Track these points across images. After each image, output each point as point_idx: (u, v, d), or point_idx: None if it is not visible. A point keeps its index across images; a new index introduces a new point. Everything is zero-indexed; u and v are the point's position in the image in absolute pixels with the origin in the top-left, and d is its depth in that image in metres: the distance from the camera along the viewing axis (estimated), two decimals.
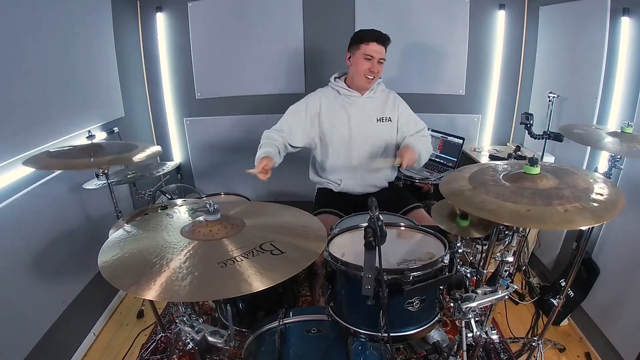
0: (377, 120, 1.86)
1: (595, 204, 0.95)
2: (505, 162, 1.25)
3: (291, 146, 1.86)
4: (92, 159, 1.44)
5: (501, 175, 1.10)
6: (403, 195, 1.98)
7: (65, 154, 1.49)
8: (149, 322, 2.09)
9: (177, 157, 2.93)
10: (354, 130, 1.84)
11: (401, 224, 1.30)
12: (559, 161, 2.22)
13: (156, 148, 1.63)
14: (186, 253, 0.89)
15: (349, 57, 1.81)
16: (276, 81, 2.70)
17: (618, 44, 1.78)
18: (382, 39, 1.75)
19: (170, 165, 2.16)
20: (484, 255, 1.35)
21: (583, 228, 0.92)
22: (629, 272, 1.67)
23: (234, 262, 0.86)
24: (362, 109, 1.85)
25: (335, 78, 1.89)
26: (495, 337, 1.10)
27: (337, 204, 1.83)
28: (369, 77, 1.78)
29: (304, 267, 0.89)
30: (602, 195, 0.99)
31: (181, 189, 2.90)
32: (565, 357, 1.82)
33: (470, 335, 1.10)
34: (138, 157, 1.51)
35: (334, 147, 1.87)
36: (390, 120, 1.88)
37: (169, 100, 2.78)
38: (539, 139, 2.07)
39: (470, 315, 1.08)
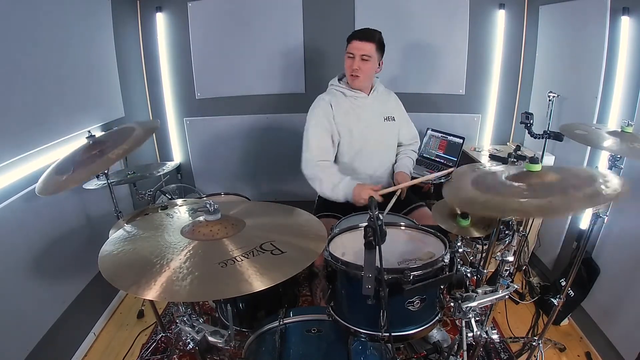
0: (385, 119, 1.87)
1: (607, 186, 0.95)
2: (498, 166, 1.25)
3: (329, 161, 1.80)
4: (107, 156, 1.36)
5: (503, 176, 1.09)
6: (406, 194, 1.98)
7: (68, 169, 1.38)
8: (149, 322, 2.09)
9: (177, 157, 2.94)
10: (366, 131, 1.83)
11: (401, 223, 1.29)
12: (559, 161, 2.22)
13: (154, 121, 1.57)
14: (186, 253, 0.89)
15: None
16: (276, 81, 2.70)
17: (618, 43, 1.78)
18: (363, 35, 1.71)
19: (170, 165, 2.16)
20: (484, 254, 1.35)
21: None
22: (629, 271, 1.67)
23: (234, 262, 0.86)
24: (371, 109, 1.84)
25: (337, 80, 1.88)
26: (495, 336, 1.10)
27: (339, 206, 1.82)
28: (352, 74, 1.76)
29: (304, 267, 0.89)
30: (606, 178, 0.99)
31: (181, 189, 2.91)
32: (566, 357, 1.82)
33: (470, 334, 1.10)
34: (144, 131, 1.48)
35: (346, 150, 1.85)
36: (394, 119, 1.89)
37: (169, 100, 2.78)
38: (539, 138, 2.07)
39: (470, 315, 1.08)
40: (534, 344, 1.68)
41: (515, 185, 1.00)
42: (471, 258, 1.47)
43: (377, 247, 0.83)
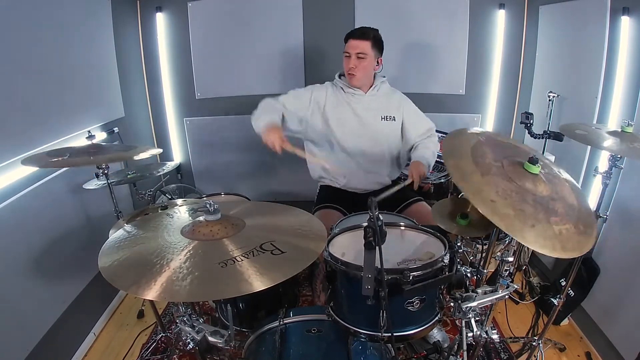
0: (382, 118, 1.86)
1: (582, 227, 0.92)
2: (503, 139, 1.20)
3: (286, 126, 1.81)
4: (91, 157, 1.45)
5: (502, 161, 1.04)
6: (403, 190, 1.98)
7: (64, 153, 1.48)
8: (149, 322, 2.09)
9: (177, 157, 2.93)
10: (359, 127, 1.84)
11: (401, 223, 1.30)
12: (559, 160, 2.21)
13: (156, 150, 1.64)
14: (186, 253, 0.89)
15: None
16: (276, 81, 2.70)
17: (618, 43, 1.78)
18: (358, 34, 1.74)
19: (170, 165, 2.16)
20: (484, 254, 1.35)
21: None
22: (629, 271, 1.67)
23: (234, 262, 0.86)
24: (367, 107, 1.85)
25: (340, 75, 1.89)
26: (495, 336, 1.10)
27: (339, 200, 1.83)
28: (349, 73, 1.78)
29: (304, 267, 0.89)
30: (582, 220, 0.95)
31: (181, 189, 2.91)
32: (566, 357, 1.82)
33: (470, 334, 1.10)
34: (138, 156, 1.53)
35: (340, 144, 1.86)
36: (394, 119, 1.88)
37: (169, 100, 2.77)
38: (539, 138, 2.07)
39: (470, 315, 1.07)
40: (534, 344, 1.68)
41: (509, 183, 0.98)
42: (471, 258, 1.47)
43: (377, 247, 0.83)
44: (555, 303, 1.57)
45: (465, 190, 0.93)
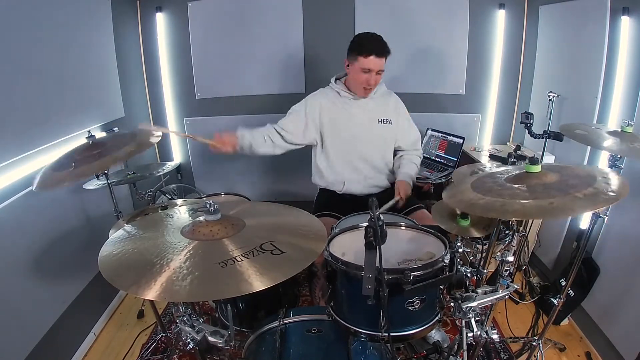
0: (379, 121, 1.86)
1: (608, 184, 0.94)
2: (500, 168, 1.24)
3: (293, 143, 1.86)
4: (96, 162, 1.34)
5: (503, 179, 1.08)
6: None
7: (69, 164, 1.37)
8: (149, 322, 2.09)
9: (177, 157, 2.94)
10: (356, 131, 1.84)
11: (401, 223, 1.30)
12: (559, 160, 2.21)
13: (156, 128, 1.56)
14: (186, 253, 0.89)
15: (347, 65, 1.76)
16: (276, 81, 2.70)
17: (618, 43, 1.78)
18: (382, 52, 1.68)
19: (170, 165, 2.16)
20: (484, 254, 1.35)
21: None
22: (629, 271, 1.67)
23: (234, 262, 0.86)
24: (364, 110, 1.85)
25: (335, 79, 1.88)
26: (495, 336, 1.10)
27: (338, 206, 1.83)
28: (367, 88, 1.76)
29: (304, 267, 0.89)
30: (606, 177, 0.99)
31: (181, 189, 2.91)
32: (566, 357, 1.82)
33: (470, 334, 1.10)
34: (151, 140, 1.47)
35: (337, 148, 1.86)
36: (391, 122, 1.88)
37: (169, 100, 2.78)
38: (539, 138, 2.07)
39: (470, 315, 1.08)
40: (534, 344, 1.68)
41: (515, 187, 1.00)
42: (471, 258, 1.47)
43: (378, 247, 0.83)
44: (555, 303, 1.57)
45: (473, 213, 0.95)
